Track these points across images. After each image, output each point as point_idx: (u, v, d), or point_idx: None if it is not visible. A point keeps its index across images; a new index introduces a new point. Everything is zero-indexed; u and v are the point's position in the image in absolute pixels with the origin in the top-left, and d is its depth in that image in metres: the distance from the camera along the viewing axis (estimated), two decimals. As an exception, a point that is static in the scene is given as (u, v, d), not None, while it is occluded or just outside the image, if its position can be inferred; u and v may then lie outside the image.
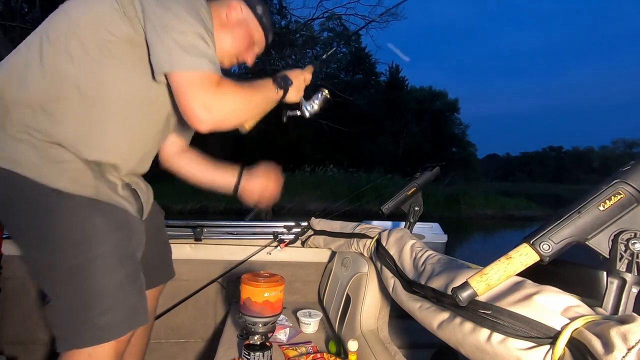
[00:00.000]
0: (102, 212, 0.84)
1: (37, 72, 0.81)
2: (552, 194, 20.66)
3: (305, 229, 1.65)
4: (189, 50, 0.81)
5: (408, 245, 0.99)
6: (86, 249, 0.81)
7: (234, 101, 0.86)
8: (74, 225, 0.81)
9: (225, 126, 0.87)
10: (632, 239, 0.54)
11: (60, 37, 0.82)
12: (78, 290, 0.81)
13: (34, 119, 0.80)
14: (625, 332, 0.40)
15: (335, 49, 2.17)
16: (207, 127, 0.83)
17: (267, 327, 1.02)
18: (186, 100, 0.81)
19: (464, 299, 0.53)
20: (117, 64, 0.84)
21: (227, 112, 0.85)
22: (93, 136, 0.85)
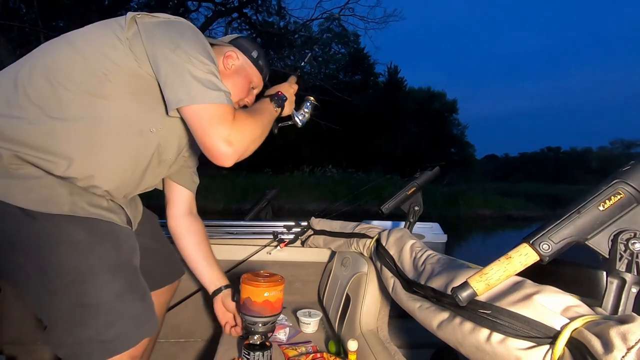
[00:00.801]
0: (82, 227, 0.81)
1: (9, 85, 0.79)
2: (551, 194, 20.67)
3: (305, 229, 1.65)
4: (207, 85, 0.80)
5: (408, 245, 0.99)
6: (72, 267, 0.78)
7: (251, 131, 0.86)
8: (54, 246, 0.78)
9: (245, 156, 0.86)
10: (632, 238, 0.54)
11: (60, 63, 0.80)
12: (74, 309, 0.78)
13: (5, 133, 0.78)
14: (624, 332, 0.40)
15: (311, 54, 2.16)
16: (231, 161, 0.83)
17: (267, 327, 1.02)
18: (207, 136, 0.80)
19: (464, 299, 0.53)
20: (112, 94, 0.82)
21: (247, 143, 0.84)
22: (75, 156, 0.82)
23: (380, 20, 12.93)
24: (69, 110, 0.80)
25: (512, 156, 67.16)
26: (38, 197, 0.78)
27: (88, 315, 0.78)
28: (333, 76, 19.54)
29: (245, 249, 1.59)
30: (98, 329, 0.78)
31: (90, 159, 0.84)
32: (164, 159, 0.99)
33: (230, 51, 1.03)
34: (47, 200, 0.78)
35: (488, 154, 66.83)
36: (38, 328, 1.45)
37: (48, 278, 0.77)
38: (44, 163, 0.80)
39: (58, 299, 0.78)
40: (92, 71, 0.80)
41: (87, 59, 0.81)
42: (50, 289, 0.77)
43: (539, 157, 60.21)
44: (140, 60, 0.82)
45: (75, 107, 0.80)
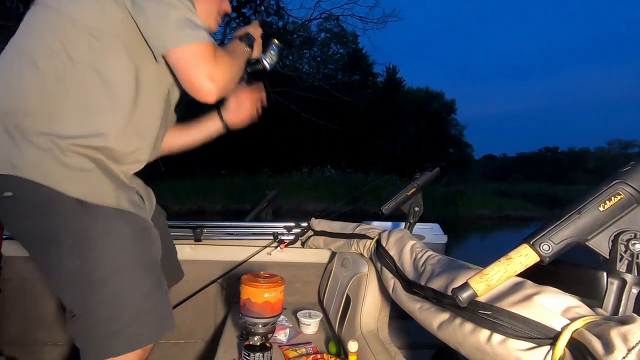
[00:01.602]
0: (126, 222, 0.84)
1: (34, 77, 0.79)
2: (549, 194, 20.68)
3: (305, 230, 1.65)
4: (187, 25, 0.81)
5: (408, 246, 0.99)
6: (114, 261, 0.81)
7: (230, 69, 0.87)
8: (99, 238, 0.80)
9: (226, 93, 0.89)
10: (632, 239, 0.54)
11: (54, 35, 0.79)
12: (108, 302, 0.80)
13: (49, 124, 0.79)
14: (625, 333, 0.40)
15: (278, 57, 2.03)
16: (214, 97, 0.84)
17: (267, 328, 1.02)
18: (191, 74, 0.81)
19: (464, 300, 0.53)
20: (116, 52, 0.83)
21: (227, 79, 0.86)
22: (106, 127, 0.83)
23: (379, 20, 12.96)
24: (113, 82, 0.83)
25: (510, 156, 67.19)
26: (90, 189, 0.80)
27: (119, 309, 0.81)
28: (332, 76, 19.52)
29: (246, 250, 1.59)
30: (125, 323, 0.80)
31: (132, 127, 0.86)
32: (174, 100, 1.01)
33: None
34: (98, 192, 0.81)
35: (486, 154, 66.84)
36: (37, 329, 1.45)
37: (89, 268, 0.79)
38: (93, 153, 0.82)
39: (95, 289, 0.80)
40: (91, 33, 0.80)
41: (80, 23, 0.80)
42: (90, 279, 0.79)
43: (537, 157, 60.28)
44: (123, 9, 0.81)
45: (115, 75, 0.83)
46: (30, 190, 0.77)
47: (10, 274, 1.37)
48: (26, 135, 0.77)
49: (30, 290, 1.44)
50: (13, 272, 1.38)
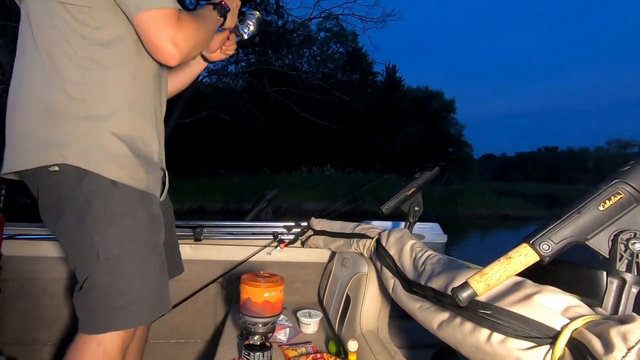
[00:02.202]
0: (146, 206, 0.90)
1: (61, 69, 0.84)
2: (548, 194, 20.65)
3: (305, 229, 1.65)
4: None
5: (408, 246, 0.99)
6: (132, 240, 0.87)
7: (195, 33, 0.88)
8: (120, 218, 0.86)
9: (190, 58, 0.92)
10: (632, 239, 0.54)
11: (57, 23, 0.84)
12: (117, 278, 0.86)
13: (86, 109, 0.85)
14: (625, 332, 0.40)
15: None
16: (176, 61, 0.87)
17: (267, 328, 1.02)
18: (154, 38, 0.84)
19: (464, 299, 0.53)
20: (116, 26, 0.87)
21: (191, 44, 0.88)
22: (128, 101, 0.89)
23: (379, 19, 12.93)
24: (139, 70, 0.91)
25: (509, 156, 67.14)
26: (127, 172, 0.87)
27: (127, 286, 0.87)
28: (331, 75, 19.43)
29: (246, 250, 1.59)
30: (128, 300, 0.86)
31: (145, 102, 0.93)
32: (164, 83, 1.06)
33: None
34: (133, 176, 0.88)
35: (485, 154, 66.80)
36: (37, 328, 1.45)
37: (107, 245, 0.85)
38: (127, 132, 0.88)
39: (109, 265, 0.85)
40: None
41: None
42: (106, 255, 0.85)
43: (536, 157, 60.27)
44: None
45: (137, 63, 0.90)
46: (70, 169, 0.83)
47: (10, 273, 1.37)
48: (67, 121, 0.83)
49: (30, 290, 1.44)
50: (13, 272, 1.38)
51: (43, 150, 0.83)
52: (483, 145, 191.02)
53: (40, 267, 1.43)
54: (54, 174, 0.83)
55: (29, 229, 1.47)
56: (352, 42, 20.32)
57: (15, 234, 1.43)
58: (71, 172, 0.83)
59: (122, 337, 0.87)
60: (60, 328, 1.45)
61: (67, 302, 1.44)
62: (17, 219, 1.47)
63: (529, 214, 13.25)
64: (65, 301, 1.44)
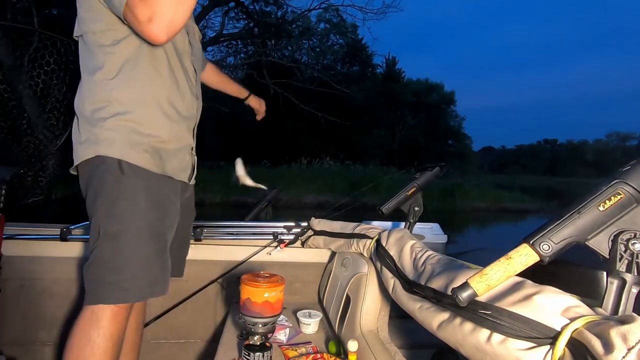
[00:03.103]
0: (151, 193, 0.99)
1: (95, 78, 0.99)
2: (546, 186, 20.55)
3: (305, 229, 1.65)
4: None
5: (408, 246, 0.99)
6: (126, 221, 0.95)
7: (170, 3, 0.88)
8: (125, 201, 0.95)
9: (177, 26, 0.90)
10: (632, 239, 0.54)
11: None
12: (114, 255, 0.95)
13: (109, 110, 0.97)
14: (625, 332, 0.40)
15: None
16: (162, 37, 0.89)
17: (267, 328, 1.02)
18: (136, 24, 0.88)
19: (464, 299, 0.53)
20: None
21: (171, 15, 0.88)
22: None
23: (379, 11, 12.86)
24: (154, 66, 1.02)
25: (508, 148, 67.03)
26: (148, 157, 0.99)
27: (122, 263, 0.95)
28: (331, 67, 19.29)
29: (246, 250, 1.59)
30: (120, 278, 0.94)
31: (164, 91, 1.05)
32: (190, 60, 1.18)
33: None
34: (150, 161, 0.99)
35: (485, 146, 66.63)
36: (37, 328, 1.45)
37: (107, 223, 0.95)
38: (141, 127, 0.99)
39: (106, 241, 0.95)
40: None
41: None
42: (106, 231, 0.95)
43: (536, 150, 60.10)
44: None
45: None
46: (96, 160, 0.96)
47: (10, 273, 1.37)
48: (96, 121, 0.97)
49: (30, 289, 1.44)
50: (13, 271, 1.38)
51: (79, 150, 0.99)
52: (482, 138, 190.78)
53: (40, 267, 1.43)
54: (87, 165, 0.98)
55: (29, 229, 1.47)
56: (351, 33, 20.13)
57: (15, 234, 1.43)
58: (96, 162, 0.96)
59: (112, 310, 0.93)
60: (61, 328, 1.45)
61: (67, 302, 1.44)
62: (17, 219, 1.47)
63: (528, 207, 13.20)
64: (65, 301, 1.44)
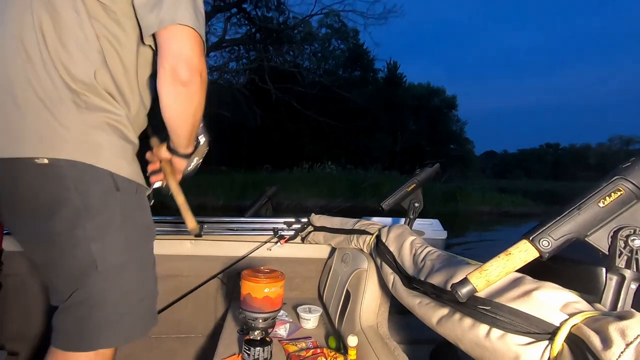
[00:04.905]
0: (143, 208, 0.85)
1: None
2: (549, 190, 20.55)
3: (305, 225, 1.66)
4: (196, 9, 0.76)
5: (408, 242, 0.99)
6: (131, 249, 0.80)
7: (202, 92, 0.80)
8: (125, 224, 0.78)
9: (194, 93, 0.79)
10: (632, 235, 0.54)
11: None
12: (114, 291, 0.78)
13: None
14: (623, 328, 0.40)
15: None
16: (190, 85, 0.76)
17: (267, 323, 1.03)
18: (190, 62, 0.76)
19: (464, 295, 0.53)
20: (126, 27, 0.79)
21: (201, 94, 0.80)
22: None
23: (380, 16, 12.92)
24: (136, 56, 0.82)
25: (510, 152, 67.05)
26: (135, 168, 0.81)
27: (122, 299, 0.79)
28: (332, 72, 19.43)
29: (246, 245, 1.59)
30: (122, 313, 0.80)
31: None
32: None
33: None
34: (138, 172, 0.82)
35: (487, 150, 66.59)
36: (39, 324, 1.46)
37: (107, 254, 0.76)
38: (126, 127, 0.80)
39: (107, 277, 0.76)
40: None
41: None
42: (106, 266, 0.76)
43: (538, 154, 60.16)
44: None
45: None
46: (65, 164, 0.72)
47: (11, 269, 1.37)
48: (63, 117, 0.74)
49: (32, 285, 1.44)
50: (14, 267, 1.38)
51: (33, 141, 0.72)
52: (484, 142, 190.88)
53: None
54: (42, 167, 0.71)
55: None
56: (353, 38, 20.30)
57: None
58: (66, 167, 0.72)
59: (111, 355, 0.81)
60: None
61: None
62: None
63: (530, 210, 13.20)
64: None
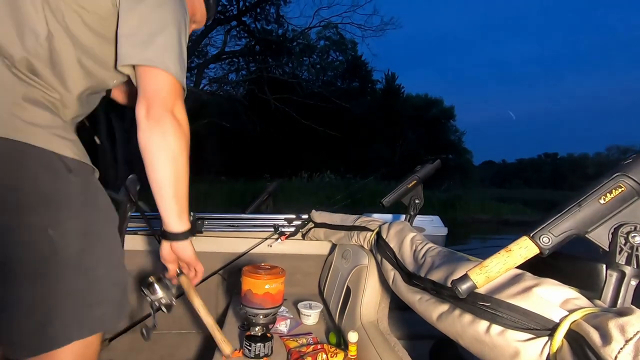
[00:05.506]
0: (101, 188, 0.79)
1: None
2: (548, 199, 20.58)
3: (306, 222, 1.66)
4: (181, 58, 0.79)
5: (408, 238, 0.99)
6: (95, 233, 0.74)
7: (184, 148, 0.81)
8: (85, 208, 0.74)
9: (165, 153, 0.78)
10: (632, 232, 0.54)
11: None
12: (81, 279, 0.71)
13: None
14: (623, 324, 0.41)
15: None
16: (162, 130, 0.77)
17: (268, 319, 1.03)
18: (164, 102, 0.78)
19: (464, 291, 0.53)
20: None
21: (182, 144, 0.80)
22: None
23: (378, 28, 13.05)
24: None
25: (509, 162, 67.21)
26: (81, 149, 0.76)
27: (92, 287, 0.73)
28: (331, 83, 19.60)
29: (247, 242, 1.59)
30: (92, 302, 0.73)
31: None
32: None
33: None
34: (80, 149, 0.76)
35: (486, 160, 66.62)
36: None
37: (69, 240, 0.70)
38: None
39: (71, 265, 0.70)
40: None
41: None
42: (69, 252, 0.69)
43: (536, 163, 60.30)
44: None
45: None
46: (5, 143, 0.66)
47: None
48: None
49: None
50: None
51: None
52: (483, 152, 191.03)
53: None
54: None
55: None
56: (351, 50, 20.45)
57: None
58: (7, 147, 0.66)
59: (96, 342, 0.75)
60: None
61: None
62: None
63: (530, 219, 13.13)
64: None
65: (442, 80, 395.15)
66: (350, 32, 14.62)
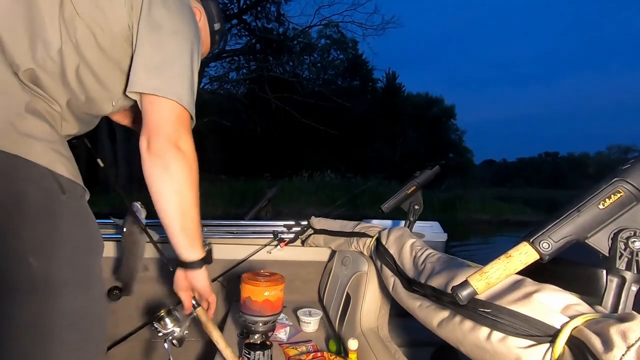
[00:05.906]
0: (90, 213, 0.76)
1: None
2: (549, 199, 20.61)
3: (305, 228, 1.66)
4: (191, 87, 0.79)
5: (408, 244, 0.99)
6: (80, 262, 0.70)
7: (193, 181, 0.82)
8: (74, 232, 0.69)
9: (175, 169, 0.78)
10: (632, 237, 0.54)
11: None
12: (61, 313, 0.66)
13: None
14: (625, 330, 0.40)
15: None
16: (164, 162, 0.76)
17: (267, 326, 1.02)
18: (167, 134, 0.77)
19: (464, 298, 0.53)
20: None
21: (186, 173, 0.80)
22: None
23: (378, 27, 13.11)
24: None
25: (510, 161, 67.39)
26: (75, 167, 0.73)
27: (75, 321, 0.68)
28: (332, 82, 19.64)
29: (246, 249, 1.59)
30: (78, 339, 0.69)
31: None
32: None
33: (197, 9, 0.95)
34: (73, 167, 0.72)
35: (486, 159, 66.81)
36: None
37: (52, 270, 0.64)
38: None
39: (51, 296, 0.64)
40: None
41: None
42: (50, 282, 0.64)
43: (537, 162, 60.50)
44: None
45: None
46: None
47: None
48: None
49: None
50: None
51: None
52: (483, 151, 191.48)
53: None
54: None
55: None
56: (352, 49, 20.51)
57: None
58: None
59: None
60: None
61: None
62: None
63: (530, 219, 13.13)
64: None
65: (442, 79, 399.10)
66: (351, 30, 14.73)
